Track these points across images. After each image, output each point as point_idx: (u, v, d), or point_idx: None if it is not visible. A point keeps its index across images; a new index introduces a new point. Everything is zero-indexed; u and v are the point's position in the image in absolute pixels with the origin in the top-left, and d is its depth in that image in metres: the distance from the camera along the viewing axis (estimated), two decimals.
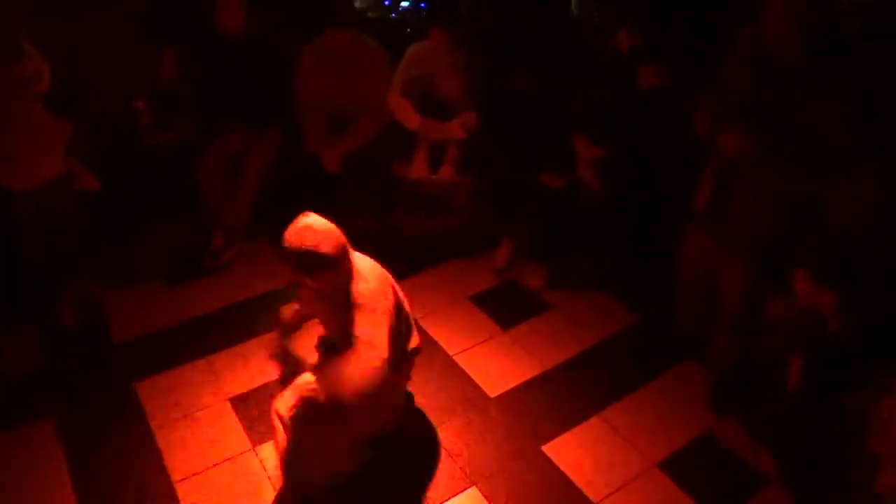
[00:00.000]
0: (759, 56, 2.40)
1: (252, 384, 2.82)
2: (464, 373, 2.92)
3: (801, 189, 2.33)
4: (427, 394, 2.80)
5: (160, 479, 2.42)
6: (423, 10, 4.21)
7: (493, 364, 2.97)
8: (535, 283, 3.44)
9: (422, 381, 2.85)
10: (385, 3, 4.37)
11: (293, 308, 2.46)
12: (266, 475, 2.45)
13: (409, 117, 3.52)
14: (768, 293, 2.44)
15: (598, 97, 3.13)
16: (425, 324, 3.17)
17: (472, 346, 3.07)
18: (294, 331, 2.51)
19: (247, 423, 2.65)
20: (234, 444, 2.57)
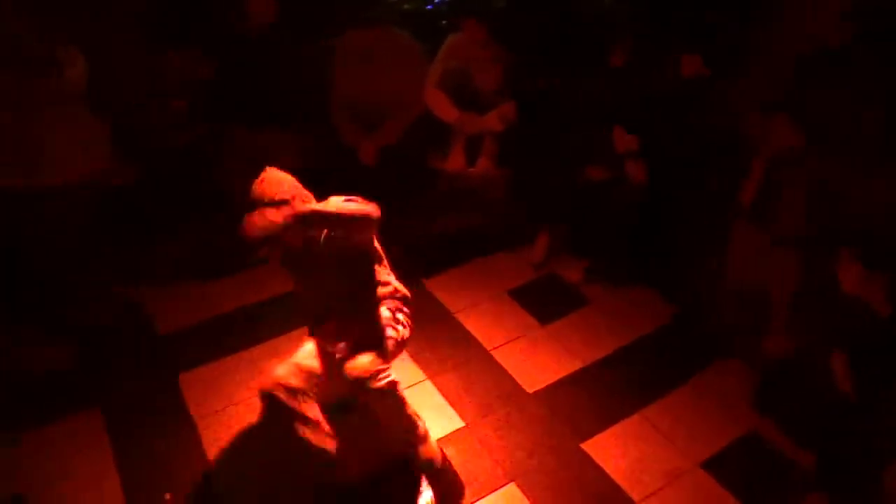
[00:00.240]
0: (801, 45, 2.33)
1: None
2: (501, 368, 2.89)
3: (846, 180, 2.25)
4: (465, 389, 2.79)
5: (202, 468, 2.45)
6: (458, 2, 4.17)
7: (532, 359, 2.94)
8: (573, 277, 3.39)
9: (459, 375, 2.84)
10: None
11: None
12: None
13: (447, 110, 3.50)
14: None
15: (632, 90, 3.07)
16: (462, 318, 3.16)
17: (510, 341, 3.04)
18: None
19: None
20: None
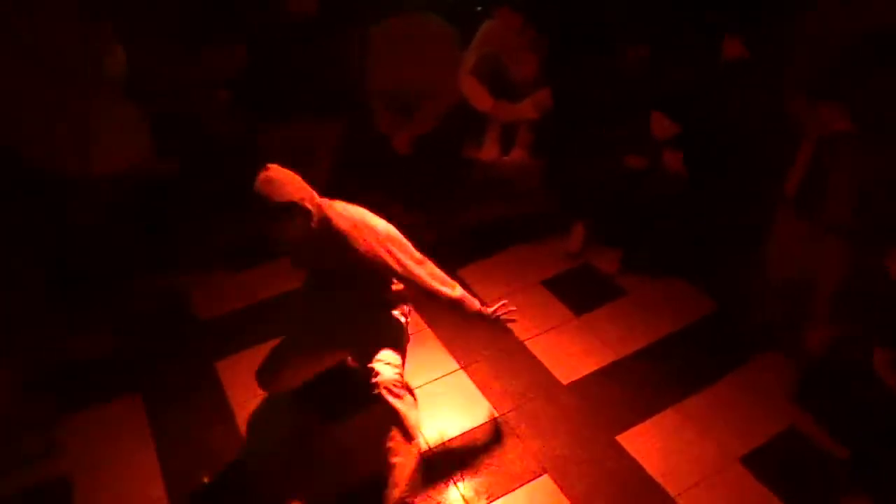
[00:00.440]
0: (853, 24, 2.24)
1: None
2: (535, 359, 2.87)
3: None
4: (498, 379, 2.78)
5: (239, 453, 2.50)
6: None
7: (566, 350, 2.92)
8: (609, 267, 3.35)
9: (492, 365, 2.83)
10: None
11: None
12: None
13: (481, 98, 3.47)
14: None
15: (673, 75, 3.00)
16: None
17: (544, 332, 3.02)
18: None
19: None
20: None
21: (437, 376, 2.80)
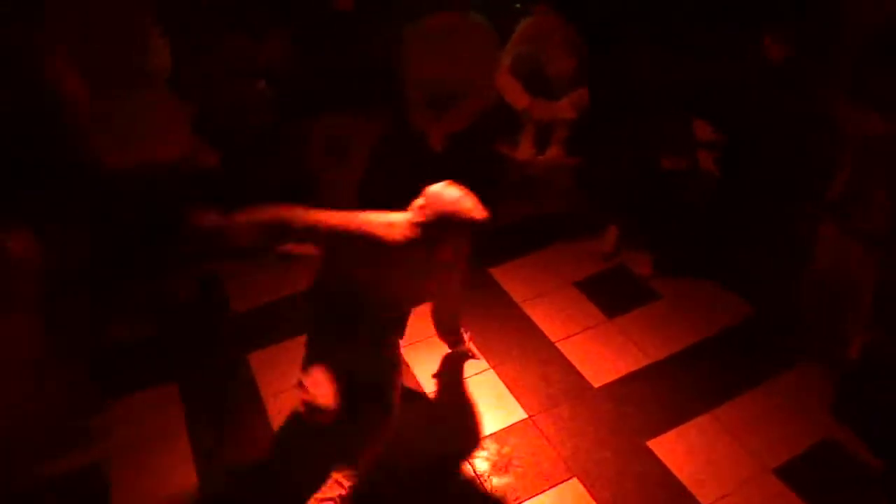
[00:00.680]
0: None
1: None
2: (566, 360, 2.85)
3: None
4: (528, 380, 2.76)
5: (269, 446, 2.52)
6: None
7: (598, 353, 2.89)
8: (643, 270, 3.31)
9: (523, 366, 2.82)
10: None
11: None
12: None
13: (518, 96, 3.45)
14: None
15: (716, 76, 2.94)
16: (528, 308, 3.13)
17: (576, 334, 2.99)
18: None
19: None
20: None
21: (467, 375, 2.79)
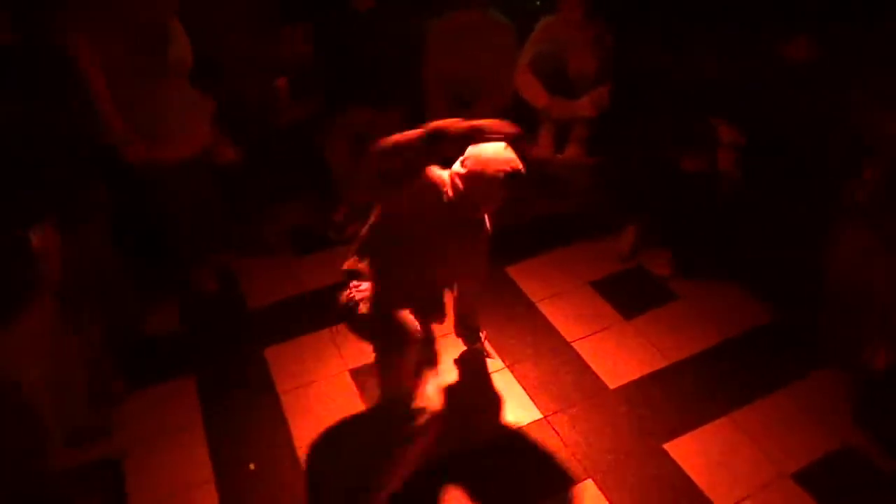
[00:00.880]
0: None
1: (371, 357, 2.85)
2: (582, 361, 2.83)
3: None
4: (544, 380, 2.75)
5: (285, 443, 2.53)
6: None
7: (614, 354, 2.87)
8: (662, 270, 3.27)
9: (539, 366, 2.81)
10: None
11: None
12: None
13: (537, 94, 3.43)
14: None
15: (738, 76, 2.90)
16: (544, 308, 3.11)
17: (592, 334, 2.97)
18: None
19: (365, 394, 2.72)
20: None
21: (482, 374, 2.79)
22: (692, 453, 2.44)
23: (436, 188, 2.18)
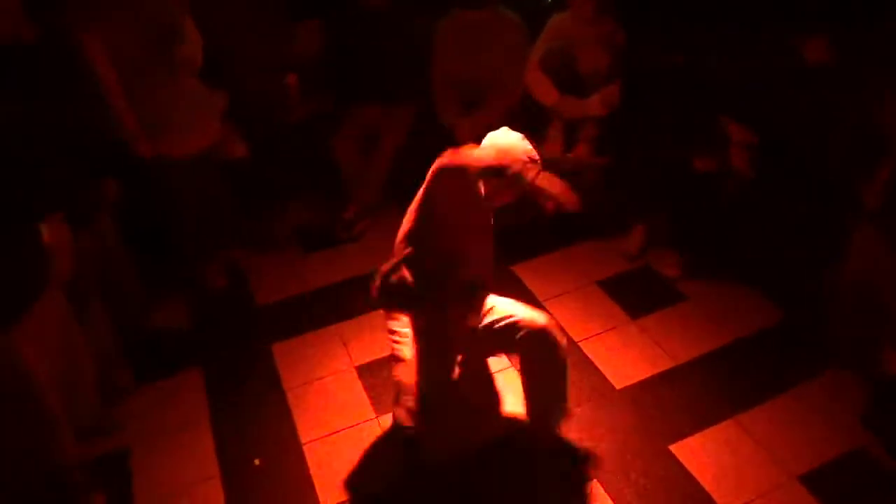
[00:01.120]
0: None
1: (377, 354, 2.89)
2: (589, 361, 2.82)
3: None
4: None
5: (291, 439, 2.55)
6: None
7: (620, 354, 2.86)
8: (670, 271, 3.25)
9: None
10: None
11: None
12: (388, 445, 2.50)
13: (546, 92, 3.41)
14: None
15: (751, 75, 2.87)
16: (550, 307, 3.10)
17: (598, 334, 2.96)
18: None
19: (372, 391, 2.73)
20: (359, 411, 2.65)
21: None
22: (698, 455, 2.42)
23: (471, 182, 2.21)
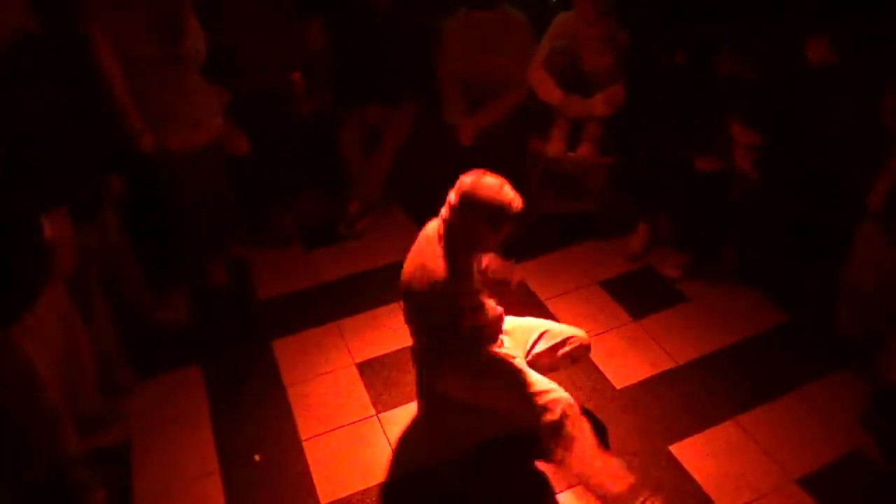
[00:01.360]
0: None
1: (378, 351, 2.90)
2: (589, 361, 2.80)
3: None
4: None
5: (291, 436, 2.56)
6: None
7: (621, 355, 2.85)
8: (673, 272, 3.24)
9: None
10: None
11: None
12: (387, 441, 2.51)
13: (550, 91, 3.40)
14: None
15: (756, 74, 2.86)
16: (552, 306, 3.10)
17: (600, 334, 2.96)
18: None
19: (371, 389, 2.73)
20: (359, 408, 2.66)
21: None
22: (698, 456, 2.42)
23: None
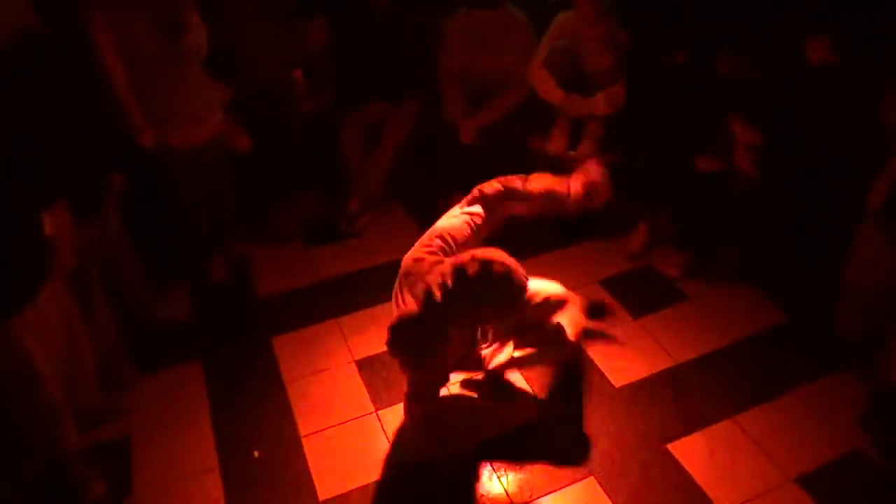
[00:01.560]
0: None
1: (377, 349, 2.89)
2: (588, 359, 2.82)
3: None
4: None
5: (290, 432, 2.56)
6: None
7: (620, 353, 2.85)
8: (673, 271, 3.24)
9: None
10: None
11: None
12: (386, 438, 2.52)
13: (551, 90, 3.41)
14: None
15: (756, 74, 2.85)
16: None
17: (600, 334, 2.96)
18: None
19: (371, 386, 2.74)
20: (358, 405, 2.66)
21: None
22: (696, 454, 2.42)
23: None
